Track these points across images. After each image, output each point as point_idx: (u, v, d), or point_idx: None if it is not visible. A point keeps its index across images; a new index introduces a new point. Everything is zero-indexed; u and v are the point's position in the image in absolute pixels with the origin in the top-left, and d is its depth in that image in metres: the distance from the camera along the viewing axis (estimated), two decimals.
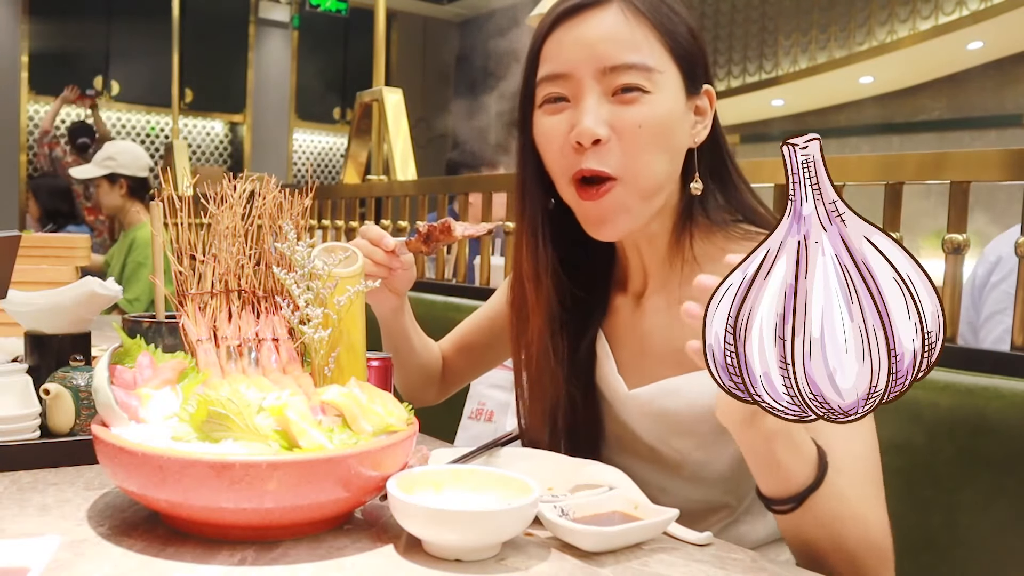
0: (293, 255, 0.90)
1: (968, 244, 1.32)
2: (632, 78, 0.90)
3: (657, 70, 0.91)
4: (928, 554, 1.15)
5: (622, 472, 0.89)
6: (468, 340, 1.29)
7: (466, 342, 1.29)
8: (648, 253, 1.01)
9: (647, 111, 0.91)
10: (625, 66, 0.90)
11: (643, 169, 0.92)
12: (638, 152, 0.91)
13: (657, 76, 0.91)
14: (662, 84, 0.92)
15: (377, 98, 3.28)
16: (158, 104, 7.57)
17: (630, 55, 0.91)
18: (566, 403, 1.03)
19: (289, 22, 8.42)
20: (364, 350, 0.95)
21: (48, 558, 0.67)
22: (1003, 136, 6.45)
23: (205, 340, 0.87)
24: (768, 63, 7.23)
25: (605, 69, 0.91)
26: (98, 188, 3.48)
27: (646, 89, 0.91)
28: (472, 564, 0.71)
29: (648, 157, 0.92)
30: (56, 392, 0.96)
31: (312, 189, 0.96)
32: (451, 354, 1.30)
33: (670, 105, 0.92)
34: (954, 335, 1.32)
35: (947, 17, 6.18)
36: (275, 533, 0.73)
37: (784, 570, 0.75)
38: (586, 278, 1.05)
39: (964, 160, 1.31)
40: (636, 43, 0.91)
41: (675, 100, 0.93)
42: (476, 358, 1.30)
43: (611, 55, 0.91)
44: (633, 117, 0.90)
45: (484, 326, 1.27)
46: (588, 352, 1.05)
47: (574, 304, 1.04)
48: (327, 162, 8.94)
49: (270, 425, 0.73)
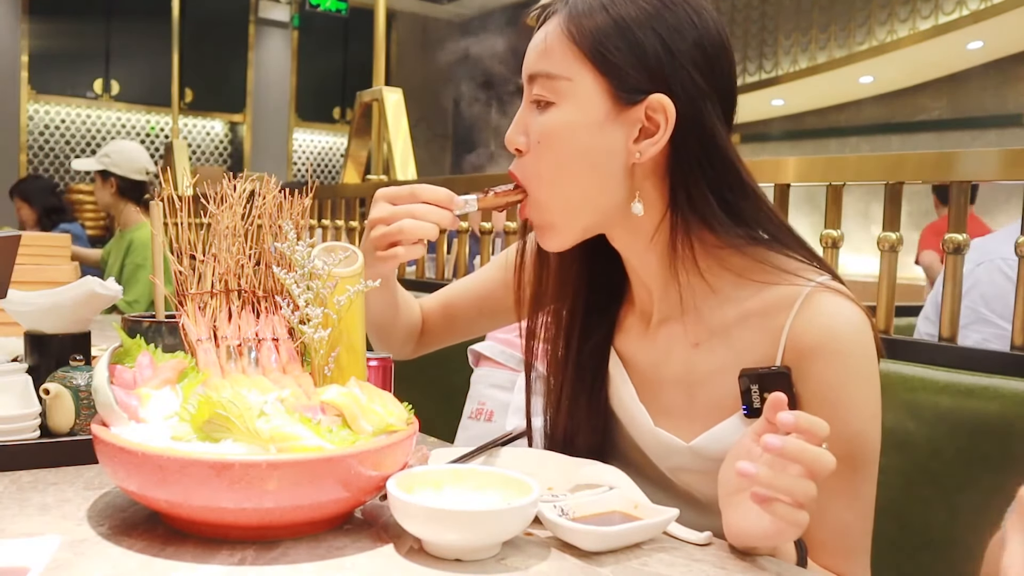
0: (293, 255, 0.90)
1: (967, 244, 1.32)
2: (540, 88, 0.89)
3: (563, 78, 0.88)
4: (928, 554, 1.15)
5: (622, 472, 0.89)
6: (453, 307, 1.24)
7: (451, 309, 1.24)
8: (644, 273, 0.97)
9: (547, 124, 0.89)
10: (535, 74, 0.90)
11: (545, 183, 0.91)
12: (538, 161, 0.90)
13: (564, 84, 0.88)
14: (569, 93, 0.88)
15: (377, 98, 3.28)
16: (158, 104, 7.58)
17: (540, 63, 0.90)
18: (568, 406, 1.03)
19: (289, 22, 8.43)
20: (364, 350, 0.95)
21: (48, 558, 0.67)
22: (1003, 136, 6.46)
23: (205, 340, 0.87)
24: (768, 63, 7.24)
25: (527, 77, 0.92)
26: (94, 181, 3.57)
27: (551, 100, 0.89)
28: (472, 564, 0.71)
29: (548, 170, 0.90)
30: (56, 392, 0.96)
31: (312, 189, 0.96)
32: (433, 315, 1.24)
33: (575, 117, 0.88)
34: (954, 335, 1.32)
35: (947, 17, 6.19)
36: (275, 533, 0.73)
37: (784, 570, 0.75)
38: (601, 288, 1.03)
39: (964, 160, 1.31)
40: (548, 51, 0.89)
41: (587, 112, 0.87)
42: (458, 326, 1.25)
43: (530, 63, 0.91)
44: (536, 129, 0.90)
45: (471, 297, 1.23)
46: (595, 361, 1.03)
47: (587, 311, 1.03)
48: (327, 162, 8.95)
49: (271, 429, 0.73)
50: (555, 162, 0.89)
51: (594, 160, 0.89)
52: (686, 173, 0.88)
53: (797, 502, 0.69)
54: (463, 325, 1.25)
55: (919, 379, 1.20)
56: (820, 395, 0.86)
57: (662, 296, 0.96)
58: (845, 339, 0.85)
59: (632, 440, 1.01)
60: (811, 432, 0.70)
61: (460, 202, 0.96)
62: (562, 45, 0.88)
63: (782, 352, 0.87)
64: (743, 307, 0.90)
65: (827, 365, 0.85)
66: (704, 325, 0.93)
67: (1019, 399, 1.09)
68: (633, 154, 0.88)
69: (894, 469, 1.13)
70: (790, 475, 0.69)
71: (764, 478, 0.69)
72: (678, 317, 0.95)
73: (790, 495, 0.69)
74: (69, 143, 7.65)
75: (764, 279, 0.89)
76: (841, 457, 0.78)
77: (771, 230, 0.92)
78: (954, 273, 1.33)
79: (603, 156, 0.88)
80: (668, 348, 0.96)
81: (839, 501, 0.85)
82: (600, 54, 0.87)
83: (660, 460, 0.97)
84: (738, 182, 0.90)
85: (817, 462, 0.69)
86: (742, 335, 0.90)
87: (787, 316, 0.87)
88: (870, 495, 0.88)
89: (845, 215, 1.45)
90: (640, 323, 1.01)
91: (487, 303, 1.20)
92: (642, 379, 0.99)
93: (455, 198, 0.95)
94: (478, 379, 1.79)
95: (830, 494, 0.81)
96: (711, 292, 0.92)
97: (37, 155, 7.52)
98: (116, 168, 3.46)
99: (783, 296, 0.88)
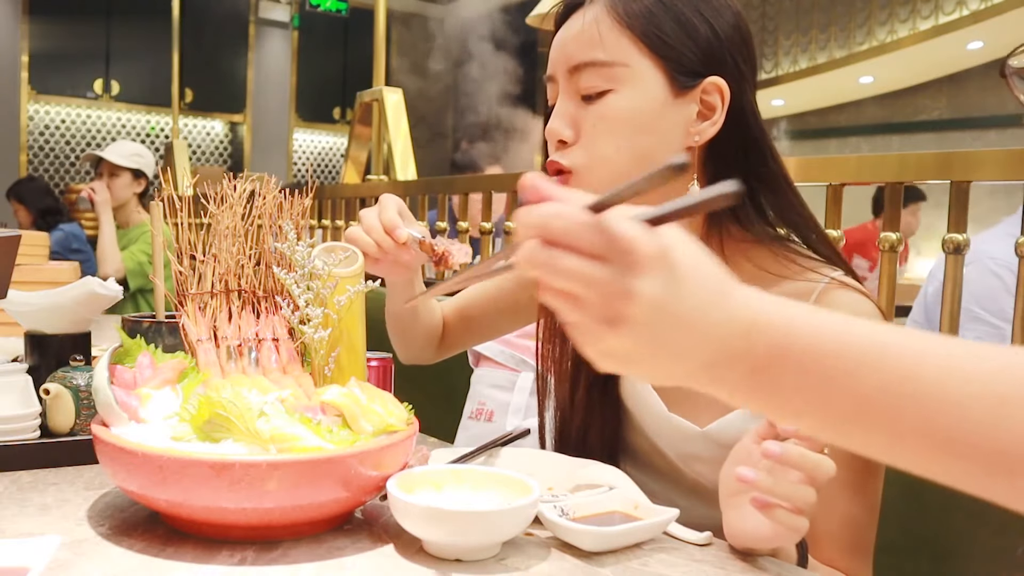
0: (293, 255, 0.90)
1: (968, 244, 1.32)
2: (591, 76, 0.89)
3: (620, 64, 0.88)
4: (928, 554, 1.15)
5: (622, 472, 0.89)
6: (469, 309, 1.25)
7: (467, 311, 1.25)
8: None
9: (605, 109, 0.89)
10: (584, 64, 0.89)
11: (597, 163, 0.90)
12: (593, 147, 0.89)
13: (620, 71, 0.88)
14: (627, 79, 0.88)
15: (377, 98, 3.28)
16: (158, 104, 7.57)
17: (589, 52, 0.89)
18: (583, 400, 1.03)
19: (289, 22, 8.42)
20: (364, 350, 0.95)
21: (48, 558, 0.67)
22: (1003, 136, 6.45)
23: (205, 340, 0.87)
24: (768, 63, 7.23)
25: (571, 68, 0.90)
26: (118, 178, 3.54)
27: (606, 88, 0.88)
28: (472, 564, 0.71)
29: (604, 151, 0.89)
30: (56, 392, 0.96)
31: (312, 189, 0.96)
32: (452, 318, 1.25)
33: (637, 102, 0.88)
34: (954, 335, 1.32)
35: (947, 17, 6.18)
36: (275, 533, 0.73)
37: (784, 570, 0.75)
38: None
39: (964, 160, 1.31)
40: (598, 39, 0.88)
41: (648, 96, 0.88)
42: (475, 328, 1.26)
43: (574, 54, 0.90)
44: (593, 116, 0.89)
45: (487, 297, 1.23)
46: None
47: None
48: (327, 162, 8.94)
49: (271, 430, 0.73)
50: (615, 147, 0.89)
51: (655, 143, 0.89)
52: (728, 159, 0.90)
53: (797, 508, 0.70)
54: (482, 326, 1.25)
55: None
56: None
57: None
58: None
59: (642, 430, 1.01)
60: (813, 439, 0.70)
61: (402, 233, 0.96)
62: (613, 31, 0.88)
63: None
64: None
65: None
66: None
67: None
68: (692, 137, 0.89)
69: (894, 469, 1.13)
70: (790, 482, 0.69)
71: (764, 485, 0.70)
72: None
73: (790, 501, 0.69)
74: (69, 143, 7.64)
75: (781, 273, 0.90)
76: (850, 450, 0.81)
77: (794, 222, 0.94)
78: (954, 273, 1.32)
79: (664, 139, 0.89)
80: None
81: (847, 493, 0.86)
82: (657, 37, 0.87)
83: (672, 447, 0.97)
84: (770, 170, 0.92)
85: (817, 469, 0.69)
86: None
87: None
88: (877, 490, 0.89)
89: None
90: None
91: (502, 302, 1.20)
92: None
93: (398, 229, 0.95)
94: (478, 379, 1.79)
95: (839, 486, 0.82)
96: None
97: (37, 155, 7.51)
98: (148, 169, 3.58)
99: (799, 290, 0.89)
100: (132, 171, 3.53)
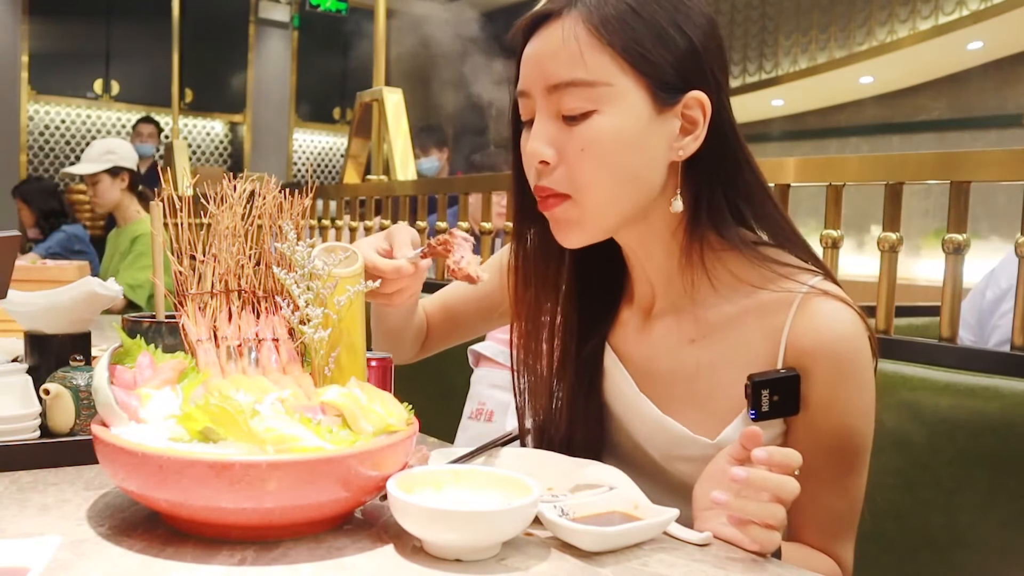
0: (293, 255, 0.90)
1: (968, 244, 1.32)
2: (573, 97, 0.86)
3: (603, 84, 0.85)
4: (928, 554, 1.15)
5: (622, 472, 0.89)
6: (453, 309, 1.24)
7: (451, 310, 1.24)
8: (651, 269, 0.97)
9: (591, 133, 0.86)
10: (564, 83, 0.86)
11: (591, 189, 0.88)
12: (583, 174, 0.87)
13: (604, 91, 0.85)
14: (611, 98, 0.85)
15: (377, 98, 3.28)
16: (158, 104, 7.56)
17: (570, 71, 0.85)
18: (567, 403, 1.03)
19: (289, 22, 8.43)
20: (364, 350, 0.95)
21: (48, 558, 0.67)
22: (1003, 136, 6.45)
23: (205, 340, 0.87)
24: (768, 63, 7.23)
25: (550, 88, 0.87)
26: (98, 184, 3.49)
27: (590, 109, 0.85)
28: (472, 564, 0.71)
29: (595, 178, 0.87)
30: (56, 392, 0.96)
31: (312, 189, 0.96)
32: (434, 317, 1.25)
33: (622, 122, 0.86)
34: (954, 335, 1.31)
35: (947, 17, 6.18)
36: (275, 533, 0.73)
37: (784, 570, 0.75)
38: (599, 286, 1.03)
39: (964, 160, 1.31)
40: (579, 57, 0.85)
41: (632, 115, 0.86)
42: (459, 328, 1.26)
43: (553, 73, 0.86)
44: (576, 141, 0.86)
45: (471, 299, 1.23)
46: (592, 358, 1.03)
47: (581, 309, 1.03)
48: (327, 162, 8.94)
49: (266, 430, 0.73)
50: (600, 168, 0.87)
51: (641, 161, 0.88)
52: (707, 171, 0.90)
53: (767, 524, 0.77)
54: (463, 327, 1.26)
55: (919, 379, 1.20)
56: (815, 394, 0.89)
57: (664, 291, 0.98)
58: (840, 342, 0.88)
59: (626, 431, 1.01)
60: (784, 465, 0.77)
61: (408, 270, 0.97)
62: (593, 49, 0.85)
63: (783, 354, 0.90)
64: (740, 307, 0.92)
65: (822, 367, 0.88)
66: (702, 323, 0.94)
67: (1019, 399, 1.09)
68: (676, 152, 0.89)
69: (894, 469, 1.13)
70: (759, 502, 0.77)
71: (735, 507, 0.77)
72: (676, 313, 0.97)
73: (760, 519, 0.77)
74: (69, 143, 7.65)
75: (759, 283, 0.91)
76: (833, 450, 0.88)
77: (772, 230, 0.96)
78: (954, 273, 1.32)
79: (649, 157, 0.88)
80: (664, 343, 0.98)
81: (829, 489, 0.91)
82: (637, 53, 0.85)
83: (658, 448, 0.98)
84: (746, 181, 0.93)
85: (781, 489, 0.77)
86: (738, 334, 0.92)
87: (785, 318, 0.89)
88: (860, 486, 0.93)
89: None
90: (636, 318, 1.02)
91: (485, 304, 1.21)
92: (637, 372, 1.00)
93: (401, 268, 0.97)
94: (478, 379, 1.79)
95: (821, 484, 0.89)
96: (712, 291, 0.93)
97: (37, 155, 7.51)
98: (125, 162, 3.51)
99: (778, 301, 0.90)
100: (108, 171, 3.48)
